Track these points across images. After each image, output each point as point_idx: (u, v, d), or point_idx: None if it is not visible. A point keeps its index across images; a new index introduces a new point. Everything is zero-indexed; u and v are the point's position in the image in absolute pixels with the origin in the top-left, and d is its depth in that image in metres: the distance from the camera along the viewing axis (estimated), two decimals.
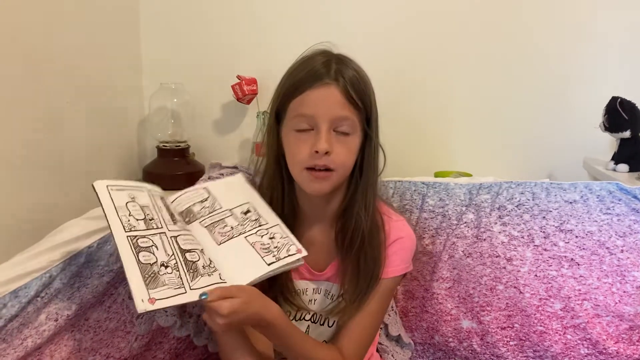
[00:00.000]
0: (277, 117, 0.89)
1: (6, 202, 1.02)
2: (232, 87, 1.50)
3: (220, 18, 1.58)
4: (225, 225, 0.84)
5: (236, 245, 0.82)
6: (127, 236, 0.73)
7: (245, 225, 0.85)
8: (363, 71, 0.88)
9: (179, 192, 0.89)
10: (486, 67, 1.57)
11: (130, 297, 0.68)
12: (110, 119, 1.44)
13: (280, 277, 0.91)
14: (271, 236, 0.85)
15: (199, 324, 1.00)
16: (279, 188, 0.92)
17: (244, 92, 1.49)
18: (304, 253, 0.83)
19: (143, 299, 0.68)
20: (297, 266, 0.84)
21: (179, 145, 1.52)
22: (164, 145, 1.51)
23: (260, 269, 0.79)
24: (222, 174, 1.12)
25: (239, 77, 1.50)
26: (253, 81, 1.50)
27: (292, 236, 0.85)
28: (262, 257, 0.80)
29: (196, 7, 1.57)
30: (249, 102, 1.53)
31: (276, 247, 0.83)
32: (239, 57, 1.59)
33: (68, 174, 1.22)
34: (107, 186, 0.78)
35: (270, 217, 0.88)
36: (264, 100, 1.51)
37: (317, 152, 0.82)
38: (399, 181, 1.18)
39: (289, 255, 0.81)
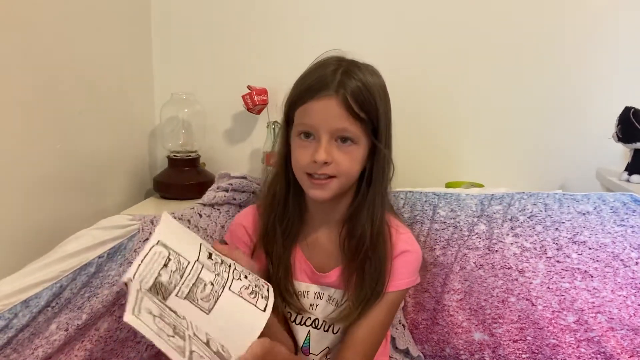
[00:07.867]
0: (288, 121, 0.90)
1: (18, 212, 1.03)
2: (243, 97, 1.50)
3: (231, 28, 1.59)
4: (205, 285, 0.70)
5: (225, 304, 0.70)
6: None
7: (220, 274, 0.73)
8: (374, 79, 0.86)
9: (135, 262, 0.66)
10: (498, 77, 1.56)
11: None
12: (121, 129, 1.45)
13: (279, 277, 0.92)
14: (245, 274, 0.76)
15: None
16: (283, 188, 0.93)
17: (255, 102, 1.50)
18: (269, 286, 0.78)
19: None
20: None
21: (190, 155, 1.53)
22: (174, 155, 1.52)
23: (259, 320, 0.71)
24: (231, 184, 1.12)
25: (249, 87, 1.51)
26: (263, 91, 1.51)
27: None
28: (255, 305, 0.72)
29: (207, 18, 1.58)
30: (259, 112, 1.53)
31: (256, 285, 0.75)
32: (249, 67, 1.59)
33: (79, 184, 1.23)
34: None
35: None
36: (274, 110, 1.51)
37: (315, 162, 0.83)
38: (410, 192, 1.18)
39: (269, 293, 0.76)
